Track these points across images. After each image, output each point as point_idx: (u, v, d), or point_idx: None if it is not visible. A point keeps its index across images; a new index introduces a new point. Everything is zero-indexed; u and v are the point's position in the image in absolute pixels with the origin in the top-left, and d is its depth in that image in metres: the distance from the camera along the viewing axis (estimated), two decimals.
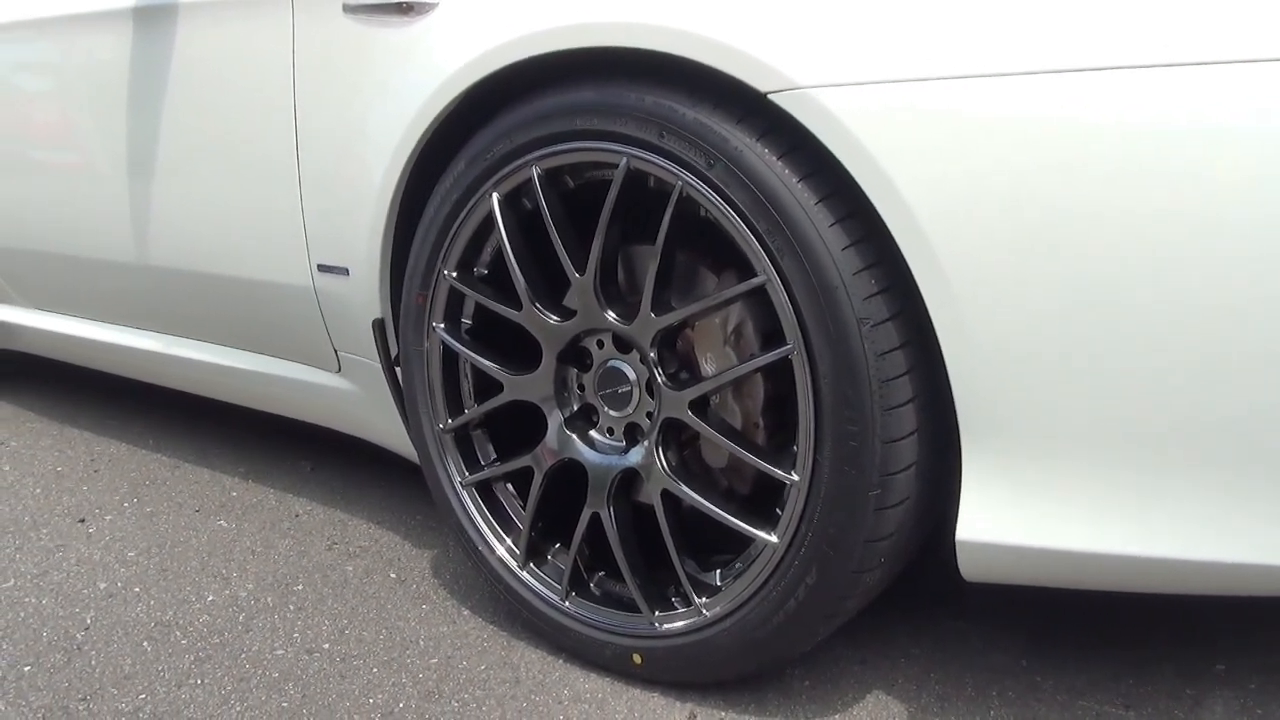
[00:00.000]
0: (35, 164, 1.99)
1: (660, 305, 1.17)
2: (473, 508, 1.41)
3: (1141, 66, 0.88)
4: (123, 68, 1.71)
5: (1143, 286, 0.90)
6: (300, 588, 1.57)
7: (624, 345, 1.26)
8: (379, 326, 1.47)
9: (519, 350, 1.33)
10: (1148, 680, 1.26)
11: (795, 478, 1.10)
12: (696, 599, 1.21)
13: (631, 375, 1.25)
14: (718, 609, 1.19)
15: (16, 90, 2.02)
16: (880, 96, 0.96)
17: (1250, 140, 0.85)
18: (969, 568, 1.06)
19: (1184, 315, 0.90)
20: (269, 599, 1.53)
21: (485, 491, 1.41)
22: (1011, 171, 0.93)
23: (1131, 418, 0.94)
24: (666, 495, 1.22)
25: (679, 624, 1.23)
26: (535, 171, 1.22)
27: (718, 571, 1.23)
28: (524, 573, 1.36)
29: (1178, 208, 0.88)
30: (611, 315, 1.21)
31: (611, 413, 1.29)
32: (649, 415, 1.25)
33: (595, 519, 1.28)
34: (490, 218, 1.27)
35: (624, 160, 1.14)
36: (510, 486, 1.41)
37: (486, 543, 1.39)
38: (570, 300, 1.26)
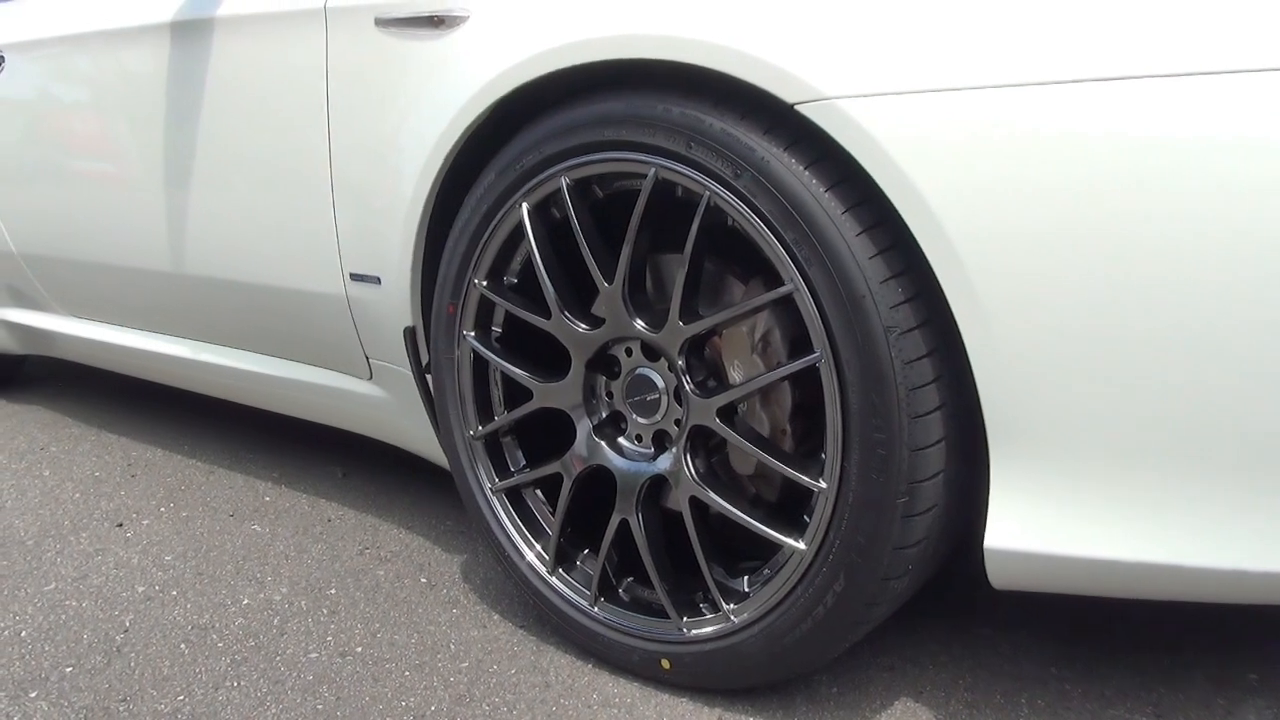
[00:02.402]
0: (74, 175, 2.03)
1: (688, 313, 1.19)
2: (502, 513, 1.42)
3: (1169, 75, 0.88)
4: (160, 81, 1.75)
5: (1172, 295, 0.90)
6: (333, 592, 1.59)
7: (652, 353, 1.27)
8: (410, 334, 1.49)
9: (548, 358, 1.35)
10: (1179, 689, 1.25)
11: (823, 485, 1.10)
12: (725, 605, 1.22)
13: (660, 383, 1.26)
14: (746, 615, 1.20)
15: (56, 103, 2.07)
16: (906, 106, 0.97)
17: None
18: (997, 575, 1.06)
19: (1212, 324, 0.90)
20: (302, 603, 1.56)
21: (515, 497, 1.43)
22: (1038, 180, 0.93)
23: (1160, 426, 0.94)
24: (694, 502, 1.23)
25: (707, 630, 1.24)
26: (564, 182, 1.23)
27: (746, 578, 1.24)
28: (553, 578, 1.38)
29: (1205, 217, 0.88)
30: (640, 323, 1.23)
31: (640, 420, 1.30)
32: (677, 422, 1.26)
33: (624, 525, 1.29)
34: (520, 227, 1.29)
35: (652, 170, 1.15)
36: (539, 493, 1.43)
37: (516, 548, 1.41)
38: (599, 309, 1.27)
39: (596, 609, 1.34)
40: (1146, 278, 0.91)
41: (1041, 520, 1.01)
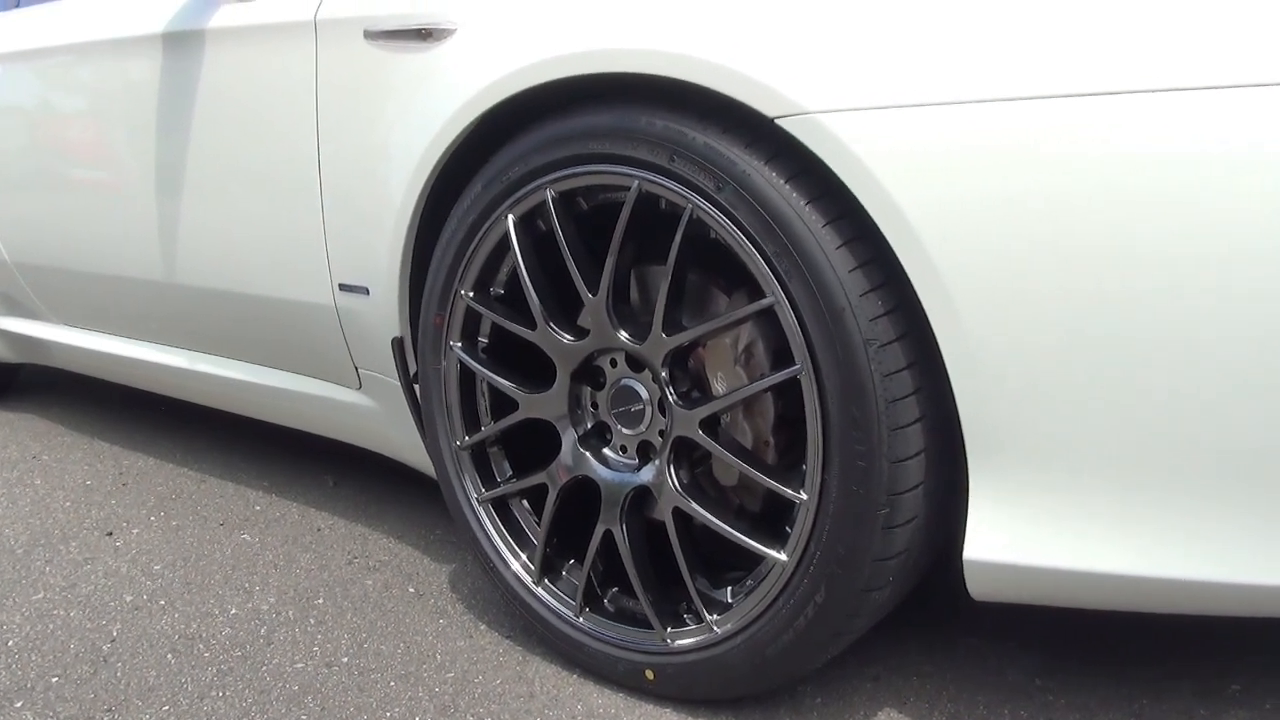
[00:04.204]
0: (66, 185, 2.04)
1: (671, 325, 1.19)
2: (489, 524, 1.43)
3: (1148, 91, 0.88)
4: (152, 92, 1.76)
5: (1149, 308, 0.91)
6: (321, 601, 1.59)
7: (636, 364, 1.27)
8: (398, 345, 1.50)
9: (534, 369, 1.35)
10: (1162, 700, 1.26)
11: (804, 496, 1.11)
12: (708, 616, 1.22)
13: (644, 394, 1.27)
14: (728, 626, 1.20)
15: (48, 113, 2.08)
16: (885, 121, 0.98)
17: (1260, 165, 0.86)
18: (977, 587, 1.06)
19: (1191, 336, 0.90)
20: (290, 612, 1.56)
21: (501, 508, 1.43)
22: (1017, 194, 0.94)
23: (1137, 437, 0.95)
24: (678, 513, 1.23)
25: (690, 640, 1.24)
26: (549, 194, 1.24)
27: (729, 588, 1.24)
28: (539, 588, 1.38)
29: (1184, 232, 0.89)
30: (624, 335, 1.23)
31: (624, 431, 1.30)
32: (661, 433, 1.27)
33: (608, 536, 1.30)
34: (506, 239, 1.30)
35: (635, 183, 1.16)
36: (525, 503, 1.43)
37: (502, 558, 1.41)
38: (584, 320, 1.28)
39: (581, 619, 1.34)
40: (1125, 290, 0.92)
41: (1020, 532, 1.02)
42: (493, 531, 1.42)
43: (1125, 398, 0.94)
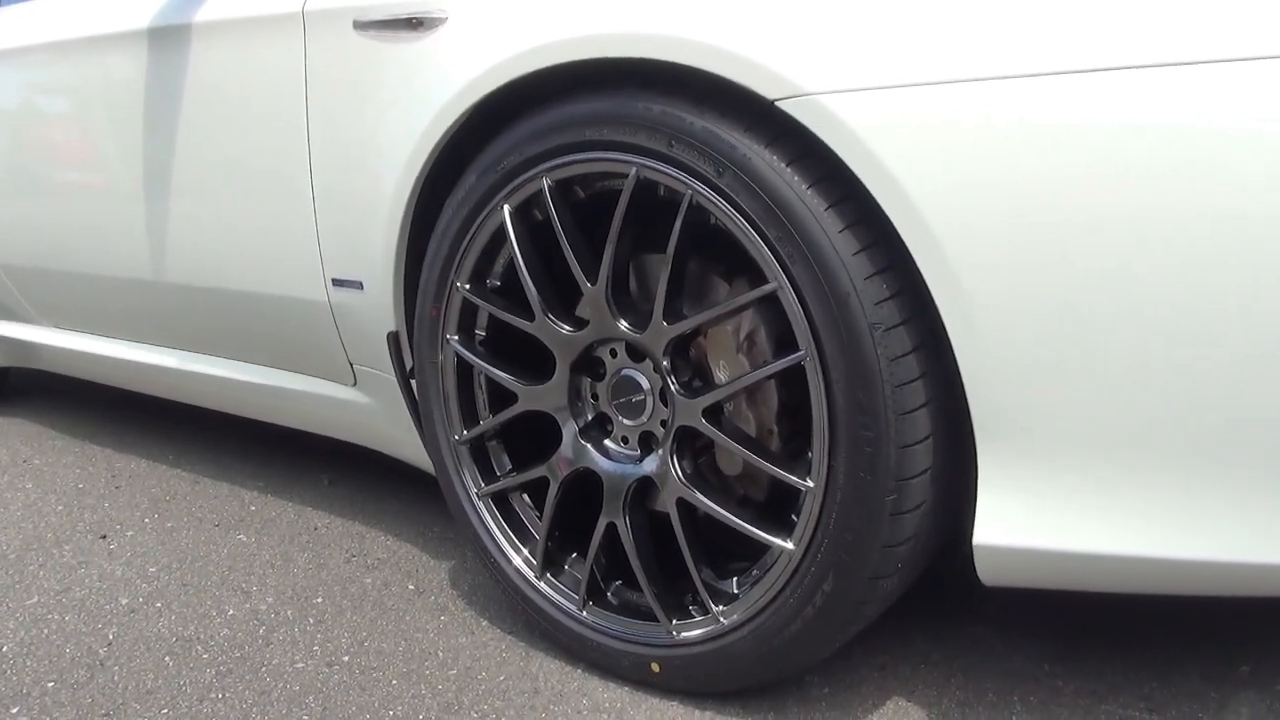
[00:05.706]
0: (54, 184, 2.02)
1: (672, 314, 1.18)
2: (489, 518, 1.41)
3: (1150, 66, 0.87)
4: (138, 88, 1.73)
5: (1155, 287, 0.90)
6: (319, 600, 1.58)
7: (637, 354, 1.26)
8: (394, 339, 1.48)
9: (533, 361, 1.33)
10: (1171, 683, 1.25)
11: (810, 484, 1.10)
12: (714, 607, 1.21)
13: (645, 384, 1.25)
14: (735, 617, 1.19)
15: (34, 112, 2.05)
16: (887, 101, 0.96)
17: (1262, 139, 0.85)
18: (986, 572, 1.05)
19: (1197, 315, 0.89)
20: (289, 612, 1.54)
21: (501, 502, 1.42)
22: (1021, 174, 0.93)
23: (1146, 419, 0.94)
24: (682, 503, 1.22)
25: (696, 632, 1.23)
26: (546, 183, 1.22)
27: (735, 579, 1.23)
28: (541, 583, 1.37)
29: (1188, 209, 0.88)
30: (624, 324, 1.22)
31: (626, 421, 1.29)
32: (663, 424, 1.25)
33: (611, 528, 1.28)
34: (502, 229, 1.28)
35: (634, 170, 1.14)
36: (526, 497, 1.42)
37: (503, 553, 1.40)
38: (582, 310, 1.27)
39: (585, 613, 1.33)
40: (1131, 269, 0.90)
41: (1030, 515, 1.01)
42: (493, 526, 1.41)
43: (1131, 376, 0.93)
